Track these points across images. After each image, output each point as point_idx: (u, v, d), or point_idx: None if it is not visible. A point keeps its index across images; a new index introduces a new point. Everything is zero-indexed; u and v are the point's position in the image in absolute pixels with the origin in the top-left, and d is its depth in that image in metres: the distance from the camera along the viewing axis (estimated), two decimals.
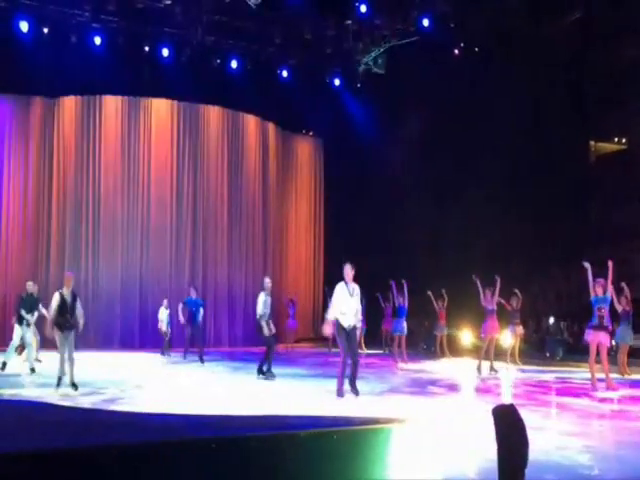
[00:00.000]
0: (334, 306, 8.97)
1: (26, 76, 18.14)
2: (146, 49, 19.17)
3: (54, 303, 9.41)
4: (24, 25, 17.58)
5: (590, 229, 16.19)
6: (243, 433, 3.99)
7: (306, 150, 25.59)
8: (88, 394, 9.05)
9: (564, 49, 16.82)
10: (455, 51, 19.49)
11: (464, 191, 18.71)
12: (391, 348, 17.20)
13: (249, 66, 20.72)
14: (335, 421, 5.04)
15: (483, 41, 18.29)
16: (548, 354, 16.26)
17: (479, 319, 13.52)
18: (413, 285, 15.02)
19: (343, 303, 8.89)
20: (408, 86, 20.58)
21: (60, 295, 9.48)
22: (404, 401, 8.75)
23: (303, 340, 22.11)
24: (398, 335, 14.96)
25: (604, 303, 10.14)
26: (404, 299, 14.58)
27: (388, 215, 21.87)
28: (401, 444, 3.77)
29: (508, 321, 13.83)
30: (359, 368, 9.08)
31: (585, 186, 16.76)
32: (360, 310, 9.15)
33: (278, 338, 21.87)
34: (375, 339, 19.01)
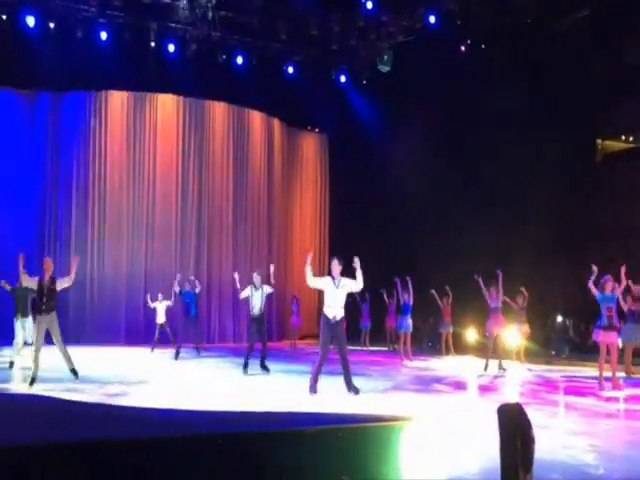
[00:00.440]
0: (325, 300, 8.99)
1: (32, 71, 18.20)
2: (152, 44, 19.18)
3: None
4: (30, 20, 17.65)
5: (597, 227, 16.09)
6: (252, 429, 3.96)
7: (311, 146, 25.58)
8: (93, 389, 9.04)
9: (571, 46, 16.72)
10: (461, 48, 19.44)
11: (469, 189, 18.65)
12: (396, 345, 17.17)
13: (255, 62, 20.71)
14: (340, 418, 5.01)
15: (489, 38, 18.21)
16: (554, 352, 16.21)
17: (484, 317, 13.45)
18: (417, 281, 14.96)
19: (328, 295, 8.90)
20: (414, 83, 20.52)
21: (38, 280, 9.54)
22: (409, 399, 8.71)
23: (307, 337, 22.09)
24: (403, 332, 14.87)
25: (612, 302, 10.08)
26: (409, 296, 14.49)
27: (393, 211, 21.84)
28: (407, 442, 3.75)
29: (514, 319, 13.74)
30: (350, 365, 8.84)
31: (592, 184, 16.66)
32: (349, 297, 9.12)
33: (282, 335, 22.06)
34: (379, 335, 18.97)
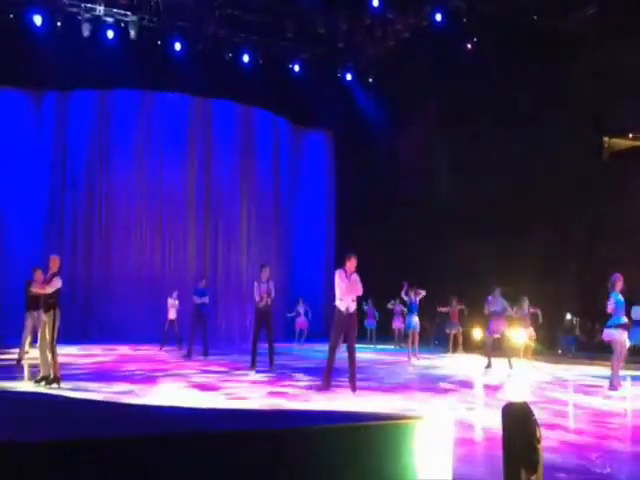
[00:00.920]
0: (338, 294, 8.88)
1: (39, 70, 18.26)
2: (158, 43, 19.22)
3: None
4: (37, 19, 17.72)
5: (605, 226, 16.02)
6: (263, 427, 3.96)
7: (317, 144, 25.57)
8: (100, 387, 9.07)
9: (578, 43, 16.65)
10: (467, 46, 19.40)
11: (475, 188, 18.61)
12: (402, 344, 17.24)
13: (261, 60, 20.74)
14: (350, 416, 5.00)
15: (495, 36, 18.16)
16: (560, 351, 16.17)
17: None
18: (423, 280, 14.97)
19: (341, 288, 8.80)
20: (420, 81, 20.48)
21: (43, 278, 9.45)
22: (415, 397, 8.72)
23: (314, 336, 22.07)
24: (412, 331, 14.96)
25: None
26: (415, 295, 14.60)
27: (399, 209, 21.80)
28: (420, 441, 3.74)
29: (519, 324, 13.76)
30: (355, 362, 8.82)
31: (599, 182, 16.59)
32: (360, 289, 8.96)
33: (290, 334, 22.02)
34: (386, 334, 18.98)
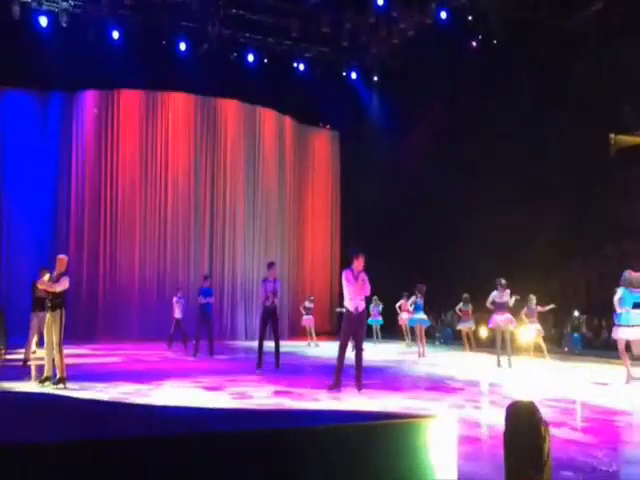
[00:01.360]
0: (346, 294, 8.85)
1: (45, 71, 18.34)
2: (163, 43, 19.27)
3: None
4: (43, 20, 17.79)
5: (611, 223, 15.97)
6: (272, 426, 3.96)
7: (322, 143, 25.60)
8: (107, 387, 9.10)
9: (583, 40, 16.61)
10: (472, 43, 19.37)
11: (482, 186, 18.58)
12: (410, 341, 17.28)
13: (266, 59, 20.76)
14: (361, 415, 5.01)
15: (500, 33, 18.13)
16: (566, 349, 16.14)
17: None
18: (428, 278, 14.98)
19: (349, 288, 8.75)
20: (425, 79, 20.47)
21: (49, 277, 9.42)
22: (421, 396, 8.72)
23: (321, 334, 22.11)
24: (418, 327, 15.06)
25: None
26: (421, 296, 14.72)
27: (404, 208, 21.80)
28: (434, 439, 3.75)
29: (526, 319, 13.76)
30: (362, 361, 8.79)
31: (605, 179, 16.54)
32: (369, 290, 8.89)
33: (296, 333, 22.08)
34: (392, 330, 19.00)
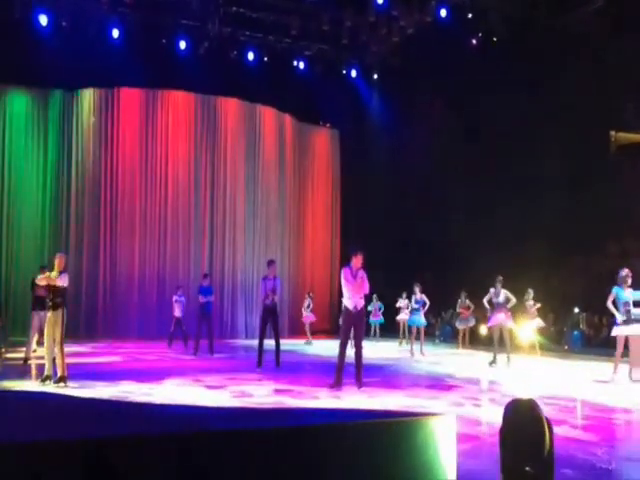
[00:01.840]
0: (345, 293, 8.90)
1: (45, 69, 18.30)
2: (163, 41, 19.27)
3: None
4: (43, 19, 17.79)
5: (612, 221, 15.96)
6: (276, 425, 3.97)
7: (323, 141, 25.59)
8: (107, 385, 9.10)
9: (583, 38, 16.60)
10: (473, 41, 19.36)
11: (482, 184, 18.59)
12: (408, 340, 17.25)
13: (266, 58, 20.75)
14: (361, 414, 5.02)
15: (501, 31, 18.12)
16: (567, 347, 16.16)
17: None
18: (429, 275, 15.00)
19: (348, 287, 8.81)
20: (425, 77, 20.46)
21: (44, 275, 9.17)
22: (420, 394, 8.74)
23: (320, 332, 22.14)
24: (416, 327, 15.03)
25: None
26: (421, 294, 14.71)
27: (404, 205, 21.80)
28: (440, 437, 3.77)
29: (526, 315, 13.78)
30: (362, 359, 8.84)
31: (606, 177, 16.53)
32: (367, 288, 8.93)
33: (296, 331, 22.11)
34: (391, 329, 19.01)
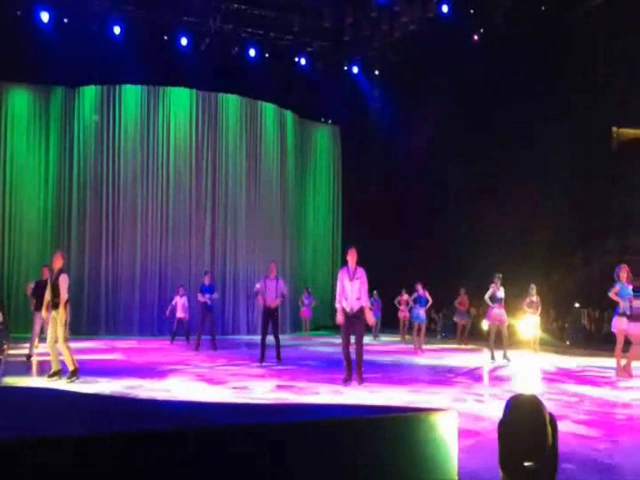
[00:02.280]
0: (339, 293, 8.91)
1: (46, 66, 18.32)
2: (165, 38, 19.27)
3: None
4: (45, 15, 17.80)
5: (613, 216, 15.98)
6: (277, 421, 3.97)
7: (324, 138, 25.58)
8: (110, 381, 9.14)
9: (586, 34, 16.59)
10: (474, 37, 19.34)
11: (484, 180, 18.61)
12: (407, 336, 17.28)
13: (267, 54, 20.74)
14: (363, 409, 5.03)
15: (502, 27, 18.11)
16: (568, 342, 16.18)
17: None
18: (430, 273, 15.01)
19: (343, 288, 8.80)
20: (426, 73, 20.46)
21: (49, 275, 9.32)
22: (422, 389, 8.77)
23: (321, 328, 22.19)
24: (417, 323, 14.99)
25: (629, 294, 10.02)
26: (423, 290, 14.67)
27: (405, 201, 21.81)
28: (444, 433, 3.78)
29: (527, 311, 13.79)
30: (362, 355, 8.86)
31: (608, 173, 16.54)
32: (364, 291, 8.85)
33: (295, 327, 22.15)
34: (391, 326, 19.04)
